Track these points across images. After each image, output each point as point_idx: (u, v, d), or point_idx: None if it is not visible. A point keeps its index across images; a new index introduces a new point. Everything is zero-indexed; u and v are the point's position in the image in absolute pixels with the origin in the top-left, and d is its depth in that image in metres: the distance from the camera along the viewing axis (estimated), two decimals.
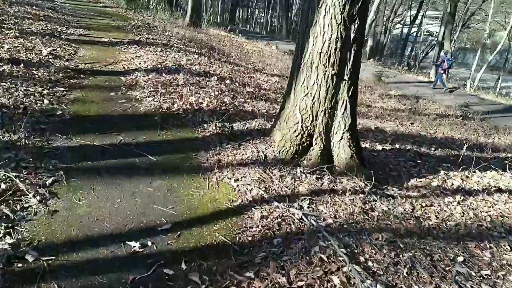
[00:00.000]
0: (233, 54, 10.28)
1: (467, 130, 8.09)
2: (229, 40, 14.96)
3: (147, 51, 6.89)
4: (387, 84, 12.88)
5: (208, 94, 5.02)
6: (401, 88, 13.15)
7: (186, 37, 9.54)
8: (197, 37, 11.14)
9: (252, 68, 8.68)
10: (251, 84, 6.85)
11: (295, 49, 3.62)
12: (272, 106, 5.47)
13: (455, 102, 12.48)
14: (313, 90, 3.40)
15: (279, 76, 8.94)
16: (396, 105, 9.29)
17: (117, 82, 5.06)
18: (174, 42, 8.35)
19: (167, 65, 6.10)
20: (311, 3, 3.37)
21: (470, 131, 8.04)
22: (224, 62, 8.25)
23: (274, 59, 12.33)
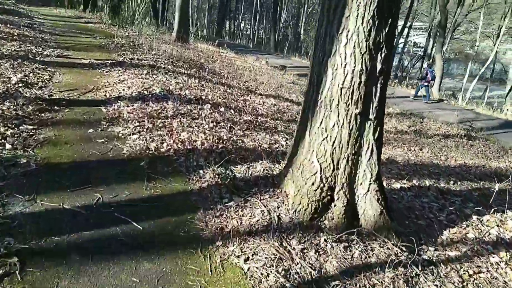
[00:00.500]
0: (224, 73, 9.70)
1: (476, 153, 7.61)
2: (218, 56, 14.40)
3: (131, 74, 6.26)
4: None
5: (202, 127, 4.40)
6: (397, 103, 12.74)
7: (174, 56, 8.93)
8: (185, 54, 10.55)
9: (245, 88, 8.10)
10: (247, 109, 6.25)
11: (309, 82, 3.03)
12: (273, 138, 4.87)
13: (452, 117, 12.12)
14: (334, 132, 2.81)
15: (274, 97, 8.37)
16: (398, 125, 8.80)
17: (97, 114, 4.40)
18: (161, 62, 7.73)
19: (154, 91, 5.47)
20: (328, 27, 2.80)
21: (478, 154, 7.57)
22: (216, 83, 7.66)
23: (266, 77, 11.78)
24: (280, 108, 7.28)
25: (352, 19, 2.68)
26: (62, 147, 3.44)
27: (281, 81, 11.95)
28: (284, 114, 6.87)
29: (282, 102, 8.00)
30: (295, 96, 9.43)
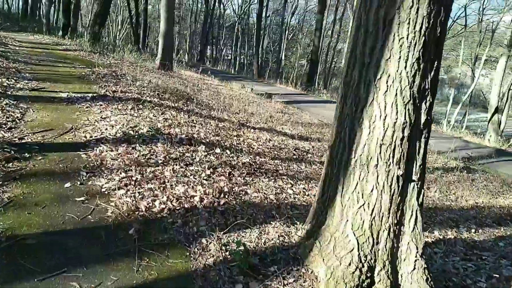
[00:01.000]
0: (212, 104, 9.21)
1: (480, 188, 7.23)
2: (204, 84, 13.96)
3: (115, 110, 5.67)
4: None
5: (198, 175, 3.83)
6: None
7: (160, 86, 8.39)
8: (170, 84, 10.03)
9: (237, 122, 7.58)
10: (243, 147, 5.72)
11: (336, 134, 2.53)
12: (277, 185, 4.33)
13: (441, 146, 11.87)
14: (372, 198, 2.30)
15: (267, 130, 7.89)
16: None
17: (75, 162, 3.79)
18: (147, 94, 7.17)
19: (141, 130, 4.89)
20: (363, 71, 2.33)
21: (483, 190, 7.19)
22: (206, 116, 7.13)
23: (254, 106, 11.34)
24: (276, 144, 6.77)
25: (394, 62, 2.22)
26: (31, 211, 2.81)
27: (270, 110, 11.52)
28: (281, 151, 6.36)
29: (276, 136, 7.51)
30: (287, 128, 8.97)
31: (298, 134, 8.62)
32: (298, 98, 18.25)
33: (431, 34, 2.22)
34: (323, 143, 8.24)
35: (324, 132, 9.92)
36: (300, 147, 7.08)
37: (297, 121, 10.62)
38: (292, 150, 6.66)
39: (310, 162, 6.06)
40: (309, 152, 6.84)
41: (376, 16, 2.25)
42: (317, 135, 9.23)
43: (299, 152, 6.65)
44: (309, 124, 10.55)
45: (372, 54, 2.27)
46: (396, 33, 2.19)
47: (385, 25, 2.22)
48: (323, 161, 6.47)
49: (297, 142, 7.55)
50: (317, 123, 11.08)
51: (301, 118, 11.55)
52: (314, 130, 9.73)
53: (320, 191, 2.65)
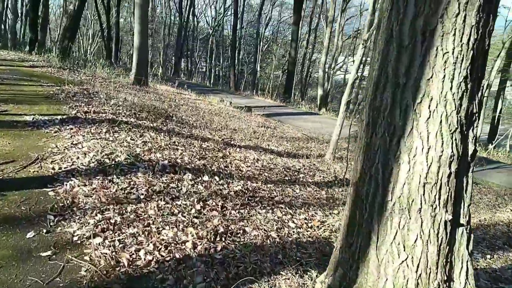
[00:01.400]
0: (192, 121, 8.68)
1: (476, 203, 6.97)
2: (181, 98, 13.41)
3: (88, 134, 5.08)
4: None
5: (187, 212, 3.32)
6: None
7: (136, 104, 7.81)
8: (147, 100, 9.46)
9: (221, 141, 7.09)
10: (232, 171, 5.23)
11: (362, 170, 2.08)
12: (276, 217, 3.85)
13: None
14: (416, 251, 1.86)
15: (253, 148, 7.43)
16: None
17: (41, 202, 3.20)
18: (122, 114, 6.60)
19: (118, 158, 4.33)
20: (398, 93, 1.90)
21: (480, 204, 6.93)
22: (188, 136, 6.61)
23: (236, 121, 10.87)
24: (265, 164, 6.31)
25: (437, 82, 1.80)
26: None
27: (252, 125, 11.08)
28: (272, 172, 5.90)
29: (263, 155, 7.05)
30: (273, 144, 8.53)
31: (285, 150, 8.19)
32: (278, 111, 17.93)
33: (479, 47, 1.82)
34: (311, 159, 7.84)
35: (310, 147, 9.55)
36: (290, 166, 6.64)
37: (281, 136, 10.22)
38: (283, 170, 6.21)
39: (304, 184, 5.61)
40: (301, 172, 6.41)
41: (412, 27, 1.83)
42: (304, 150, 8.83)
43: (290, 172, 6.21)
44: (293, 139, 10.16)
45: (409, 73, 1.85)
46: (439, 46, 1.78)
47: (424, 37, 1.80)
48: (316, 181, 6.06)
49: (286, 160, 7.12)
50: (301, 137, 10.71)
51: (284, 132, 11.16)
52: (300, 146, 9.34)
53: (343, 238, 2.18)
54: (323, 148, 9.63)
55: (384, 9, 2.02)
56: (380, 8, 2.11)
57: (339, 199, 5.21)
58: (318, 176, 6.36)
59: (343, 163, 8.14)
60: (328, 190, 5.62)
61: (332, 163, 7.83)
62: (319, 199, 5.03)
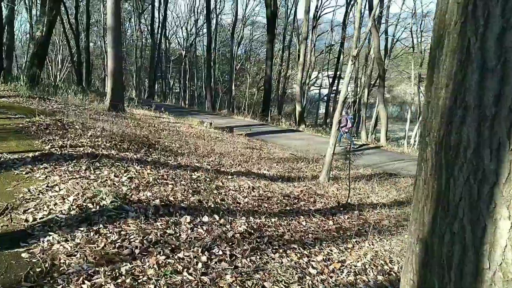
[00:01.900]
0: (176, 147, 8.15)
1: None
2: (160, 123, 12.86)
3: (65, 173, 4.49)
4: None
5: (192, 267, 2.80)
6: (368, 161, 11.85)
7: (116, 134, 7.23)
8: (126, 128, 8.88)
9: (211, 169, 6.58)
10: (229, 204, 4.73)
11: (433, 224, 1.64)
12: (292, 261, 3.36)
13: None
14: None
15: (244, 174, 6.96)
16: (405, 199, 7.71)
17: (12, 269, 2.62)
18: (102, 146, 6.02)
19: (102, 201, 3.77)
20: (485, 128, 1.47)
21: None
22: (175, 167, 6.08)
23: (221, 144, 10.39)
24: (261, 193, 5.84)
25: None
26: None
27: (237, 147, 10.63)
28: (271, 202, 5.43)
29: (257, 181, 6.58)
30: (263, 168, 8.09)
31: (277, 174, 7.76)
32: (259, 129, 17.58)
33: None
34: (306, 182, 7.43)
35: (301, 168, 9.16)
36: (287, 192, 6.19)
37: (269, 157, 9.79)
38: (281, 198, 5.75)
39: (308, 214, 5.16)
40: (300, 199, 5.96)
41: (499, 43, 1.42)
42: (295, 172, 8.42)
43: (290, 200, 5.75)
44: (282, 160, 9.75)
45: (499, 102, 1.44)
46: None
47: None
48: (319, 209, 5.62)
49: (281, 185, 6.67)
50: (289, 158, 10.31)
51: (271, 153, 10.74)
52: (290, 167, 8.92)
53: None
54: (314, 169, 9.25)
55: (448, 21, 1.61)
56: (439, 20, 1.70)
57: (349, 229, 4.78)
58: (319, 203, 5.93)
59: (339, 183, 7.77)
60: (334, 218, 5.18)
61: (328, 185, 7.44)
62: (329, 231, 4.59)
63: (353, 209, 5.82)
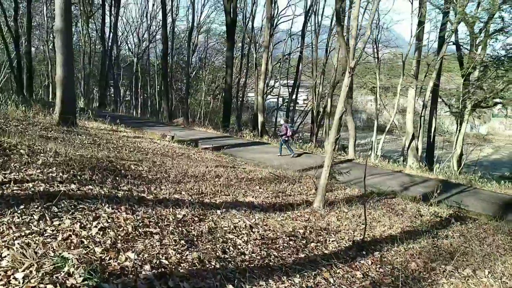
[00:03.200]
0: (145, 171, 6.91)
1: (502, 254, 5.99)
2: (119, 138, 11.42)
3: (9, 229, 3.20)
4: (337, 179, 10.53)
5: None
6: (345, 177, 11.12)
7: (73, 159, 5.87)
8: (82, 147, 7.49)
9: (194, 201, 5.44)
10: (236, 259, 3.65)
11: None
12: None
13: (393, 183, 11.03)
14: None
15: (232, 203, 5.89)
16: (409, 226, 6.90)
17: None
18: (58, 179, 4.70)
19: (71, 279, 2.56)
20: None
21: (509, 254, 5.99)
22: (155, 203, 4.89)
23: (191, 163, 9.18)
24: (262, 233, 4.80)
25: None
26: None
27: (209, 165, 9.50)
28: (277, 247, 4.40)
29: (251, 215, 5.54)
30: (250, 195, 7.05)
31: (266, 201, 6.77)
32: (224, 142, 16.50)
33: None
34: (301, 211, 6.49)
35: (285, 189, 8.22)
36: (289, 229, 5.20)
37: (247, 178, 8.75)
38: (287, 239, 4.74)
39: (328, 261, 4.19)
40: (308, 238, 4.98)
41: None
42: (283, 197, 7.47)
43: (297, 241, 4.76)
44: (263, 181, 8.75)
45: None
46: None
47: None
48: (335, 253, 4.66)
49: (278, 218, 5.68)
50: (268, 177, 9.33)
51: (247, 171, 9.69)
52: (275, 190, 7.96)
53: None
54: (301, 191, 8.35)
55: None
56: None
57: (381, 283, 3.87)
58: (330, 243, 4.98)
59: (335, 210, 6.90)
60: (357, 266, 4.26)
61: (326, 213, 6.54)
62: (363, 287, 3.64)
63: (371, 248, 4.95)
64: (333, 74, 22.24)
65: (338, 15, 16.97)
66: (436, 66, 19.66)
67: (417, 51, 19.73)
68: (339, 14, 17.05)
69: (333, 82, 23.67)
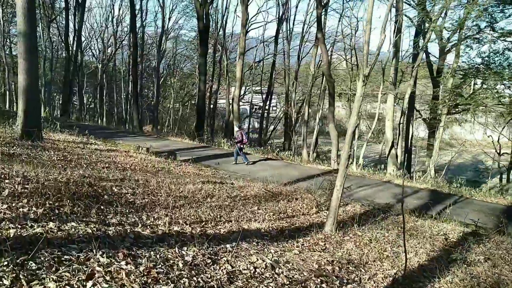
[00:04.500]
0: (130, 195, 5.94)
1: None
2: (91, 153, 10.28)
3: None
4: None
5: None
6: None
7: (47, 186, 4.83)
8: (53, 167, 6.42)
9: (197, 234, 4.56)
10: None
11: None
12: None
13: (386, 194, 10.55)
14: None
15: (240, 234, 5.04)
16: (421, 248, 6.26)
17: None
18: (31, 216, 3.70)
19: None
20: None
21: None
22: (154, 241, 3.98)
23: (171, 180, 8.22)
24: (285, 272, 3.99)
25: None
26: None
27: (195, 181, 8.57)
28: None
29: (265, 249, 4.72)
30: (255, 220, 6.23)
31: (272, 227, 5.98)
32: (202, 153, 15.62)
33: None
34: (314, 237, 5.73)
35: (286, 209, 7.45)
36: (315, 267, 4.42)
37: (241, 197, 7.91)
38: (319, 282, 3.96)
39: None
40: (341, 280, 4.21)
41: None
42: (288, 220, 6.69)
43: (330, 284, 3.99)
44: (259, 200, 7.94)
45: None
46: None
47: None
48: None
49: (297, 253, 4.89)
50: (263, 194, 8.53)
51: (240, 188, 8.84)
52: (276, 211, 7.17)
53: None
54: (302, 210, 7.61)
55: None
56: None
57: None
58: (367, 283, 4.23)
59: (348, 234, 6.19)
60: None
61: (341, 239, 5.81)
62: None
63: (412, 286, 4.24)
64: (311, 80, 21.77)
65: (319, 21, 16.49)
66: (413, 73, 19.64)
67: (395, 58, 19.61)
68: (320, 20, 16.57)
69: (310, 88, 23.23)
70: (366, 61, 5.99)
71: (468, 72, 17.71)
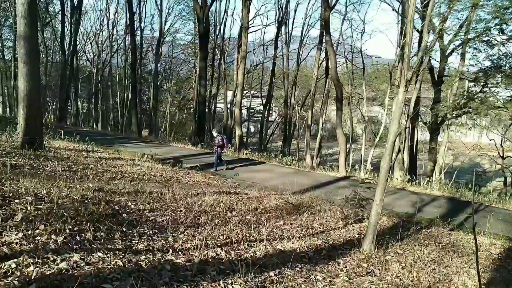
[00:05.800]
0: (148, 211, 5.38)
1: None
2: (96, 161, 9.71)
3: None
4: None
5: None
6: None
7: (61, 205, 4.26)
8: (59, 179, 5.83)
9: (226, 259, 4.02)
10: None
11: None
12: None
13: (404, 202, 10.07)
14: None
15: (279, 258, 4.51)
16: None
17: None
18: (50, 246, 3.13)
19: None
20: None
21: None
22: (194, 274, 3.44)
23: (185, 191, 7.65)
24: None
25: None
26: None
27: (207, 191, 7.99)
28: None
29: (311, 275, 4.19)
30: (285, 236, 5.69)
31: (309, 247, 5.44)
32: (208, 160, 15.02)
33: None
34: (354, 257, 5.21)
35: (312, 223, 6.92)
36: None
37: (262, 210, 7.36)
38: None
39: None
40: None
41: None
42: (318, 237, 6.16)
43: None
44: (281, 213, 7.40)
45: None
46: None
47: None
48: None
49: (348, 279, 4.36)
50: (284, 206, 7.98)
51: (258, 200, 8.29)
52: (302, 226, 6.64)
53: None
54: (330, 225, 7.08)
55: None
56: None
57: None
58: None
59: (389, 253, 5.67)
60: None
61: (383, 259, 5.29)
62: None
63: None
64: (314, 84, 21.34)
65: (326, 23, 16.04)
66: (418, 77, 19.26)
67: (401, 61, 19.22)
68: (328, 22, 16.13)
69: (313, 92, 22.80)
70: (408, 64, 5.50)
71: (477, 76, 17.34)
